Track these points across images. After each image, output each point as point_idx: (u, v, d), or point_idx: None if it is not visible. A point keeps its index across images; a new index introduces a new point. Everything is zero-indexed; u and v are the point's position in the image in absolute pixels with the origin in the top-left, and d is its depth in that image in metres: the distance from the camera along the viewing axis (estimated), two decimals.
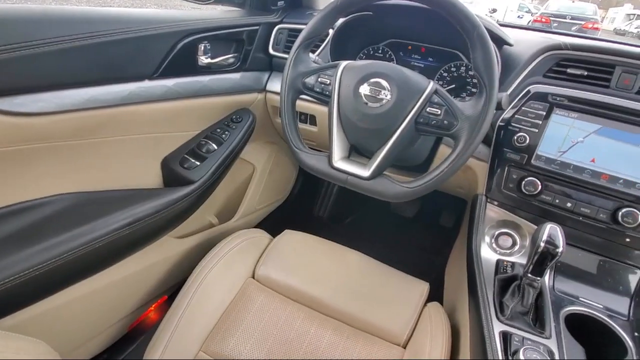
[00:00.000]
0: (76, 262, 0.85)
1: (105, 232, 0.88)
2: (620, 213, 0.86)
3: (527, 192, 0.94)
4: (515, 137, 0.95)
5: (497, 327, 0.76)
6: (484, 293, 0.83)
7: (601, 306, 0.85)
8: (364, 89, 0.83)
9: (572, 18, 10.88)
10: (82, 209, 0.88)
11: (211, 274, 1.00)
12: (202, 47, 1.00)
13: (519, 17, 13.72)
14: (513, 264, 0.93)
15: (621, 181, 0.87)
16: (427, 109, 0.80)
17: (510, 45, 1.02)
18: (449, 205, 1.92)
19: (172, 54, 0.93)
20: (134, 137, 0.97)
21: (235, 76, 1.14)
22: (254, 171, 1.43)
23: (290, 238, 1.15)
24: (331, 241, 1.17)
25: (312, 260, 1.09)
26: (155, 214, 0.94)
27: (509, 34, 1.04)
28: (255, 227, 1.59)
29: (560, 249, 0.75)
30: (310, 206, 2.01)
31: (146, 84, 0.91)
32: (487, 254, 0.97)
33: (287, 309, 0.97)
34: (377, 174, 0.84)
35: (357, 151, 0.92)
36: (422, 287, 1.04)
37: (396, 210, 1.97)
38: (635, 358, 0.74)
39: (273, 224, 1.50)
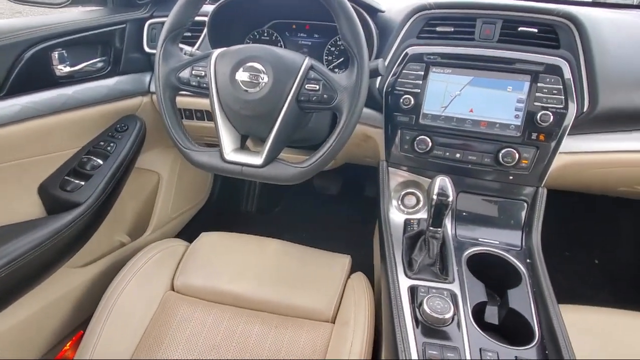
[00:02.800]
0: None
1: None
2: (500, 154, 0.93)
3: (420, 151, 0.98)
4: (402, 100, 0.98)
5: (405, 284, 0.79)
6: (391, 254, 0.86)
7: (497, 242, 0.92)
8: (241, 75, 0.79)
9: None
10: None
11: (123, 296, 0.94)
12: (57, 56, 0.89)
13: None
14: (419, 221, 0.97)
15: (497, 125, 0.94)
16: (306, 86, 0.79)
17: (382, 11, 1.04)
18: (369, 175, 1.98)
19: (17, 68, 0.82)
20: None
21: (109, 82, 1.04)
22: (160, 180, 1.34)
23: (207, 241, 1.11)
24: (250, 235, 1.15)
25: (232, 258, 1.06)
26: (38, 246, 0.84)
27: (380, 1, 1.06)
28: (177, 235, 1.52)
29: (450, 198, 0.79)
30: (237, 203, 1.96)
31: None
32: (396, 215, 1.01)
33: (212, 313, 0.94)
34: (271, 159, 0.82)
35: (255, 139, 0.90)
36: (343, 261, 1.06)
37: (321, 190, 1.99)
38: (528, 281, 0.82)
39: (198, 229, 1.45)
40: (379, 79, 1.01)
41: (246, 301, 0.97)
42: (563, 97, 0.88)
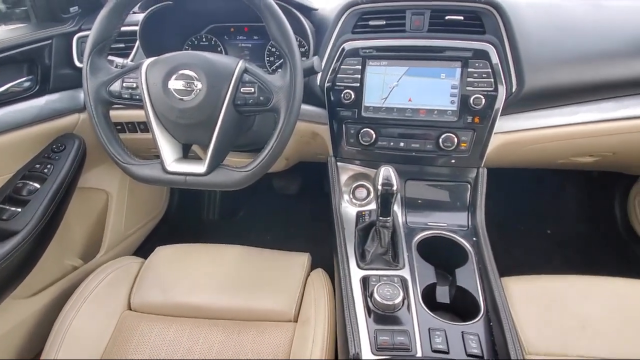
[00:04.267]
0: None
1: None
2: (440, 140, 0.96)
3: (365, 143, 1.00)
4: (343, 95, 0.99)
5: (358, 275, 0.81)
6: (342, 248, 0.87)
7: (446, 224, 0.96)
8: (173, 84, 0.78)
9: None
10: None
11: (76, 321, 0.91)
12: None
13: None
14: (370, 212, 0.99)
15: (435, 112, 0.97)
16: (242, 90, 0.79)
17: (315, 9, 1.05)
18: (327, 171, 2.00)
19: None
20: None
21: (39, 102, 0.99)
22: (109, 197, 1.30)
23: (163, 255, 1.09)
24: (207, 244, 1.14)
25: (189, 270, 1.04)
26: None
27: None
28: (136, 252, 1.48)
29: (395, 187, 0.81)
30: (198, 211, 1.93)
31: None
32: (348, 209, 1.03)
33: (172, 328, 0.92)
34: (214, 166, 0.81)
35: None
36: (302, 259, 1.06)
37: (282, 191, 1.99)
38: (474, 259, 0.85)
39: (158, 243, 1.41)
40: (319, 76, 1.02)
41: (206, 311, 0.95)
42: (492, 80, 0.93)
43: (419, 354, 0.65)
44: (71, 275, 1.16)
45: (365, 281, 0.79)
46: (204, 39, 1.21)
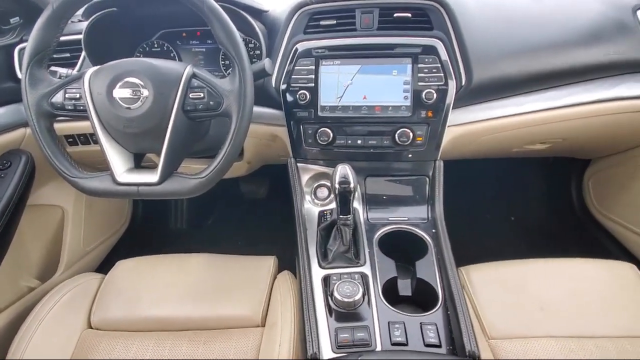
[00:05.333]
0: None
1: None
2: (396, 135, 0.98)
3: (323, 143, 1.01)
4: (298, 96, 0.99)
5: (319, 275, 0.81)
6: (303, 249, 0.87)
7: (406, 218, 0.97)
8: (119, 93, 0.76)
9: None
10: None
11: (32, 345, 0.87)
12: None
13: None
14: (331, 211, 1.00)
15: (390, 108, 0.98)
16: (190, 95, 0.78)
17: (265, 11, 1.05)
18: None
19: None
20: None
21: None
22: (64, 213, 1.25)
23: (124, 269, 1.05)
24: (171, 254, 1.11)
25: (152, 282, 1.02)
26: None
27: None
28: (98, 268, 1.43)
29: (352, 185, 0.81)
30: (165, 221, 1.88)
31: None
32: (310, 209, 1.03)
33: (135, 344, 0.89)
34: (168, 174, 0.80)
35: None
36: (268, 263, 1.05)
37: (250, 195, 1.97)
38: (434, 250, 0.87)
39: (122, 258, 1.37)
40: (274, 77, 1.02)
41: (171, 323, 0.93)
42: (442, 74, 0.95)
43: (379, 348, 0.65)
44: (27, 297, 1.11)
45: (326, 280, 0.79)
46: (155, 45, 1.18)
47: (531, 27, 1.02)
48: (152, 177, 0.79)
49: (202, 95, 0.77)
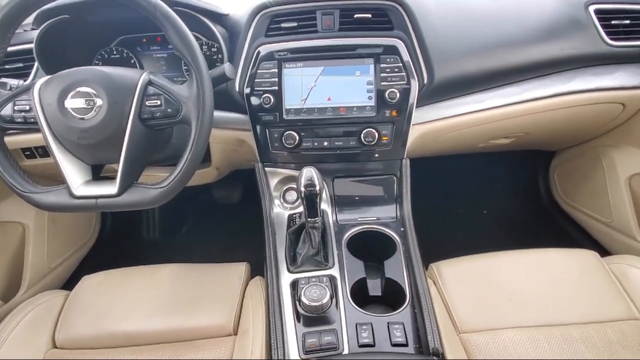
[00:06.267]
0: None
1: None
2: (362, 135, 0.98)
3: (289, 146, 1.00)
4: (262, 100, 0.98)
5: (287, 280, 0.80)
6: (271, 254, 0.86)
7: (376, 218, 0.98)
8: (71, 103, 0.73)
9: None
10: None
11: None
12: None
13: None
14: (300, 214, 0.99)
15: (355, 109, 0.98)
16: (147, 103, 0.76)
17: (225, 15, 1.03)
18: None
19: None
20: None
21: None
22: (25, 230, 1.20)
23: (90, 284, 1.02)
24: (140, 265, 1.08)
25: (120, 296, 0.98)
26: None
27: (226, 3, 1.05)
28: (64, 285, 1.38)
29: (318, 187, 0.81)
30: (137, 232, 1.83)
31: None
32: (280, 212, 1.02)
33: None
34: (127, 185, 0.77)
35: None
36: (240, 270, 1.04)
37: (223, 200, 1.94)
38: (402, 249, 0.87)
39: (90, 273, 1.33)
40: (237, 81, 1.00)
41: (141, 338, 0.90)
42: (404, 73, 0.96)
43: (346, 351, 0.65)
44: None
45: (295, 285, 0.79)
46: (114, 52, 1.14)
47: (490, 25, 1.04)
48: (111, 188, 0.76)
49: (159, 102, 0.76)
